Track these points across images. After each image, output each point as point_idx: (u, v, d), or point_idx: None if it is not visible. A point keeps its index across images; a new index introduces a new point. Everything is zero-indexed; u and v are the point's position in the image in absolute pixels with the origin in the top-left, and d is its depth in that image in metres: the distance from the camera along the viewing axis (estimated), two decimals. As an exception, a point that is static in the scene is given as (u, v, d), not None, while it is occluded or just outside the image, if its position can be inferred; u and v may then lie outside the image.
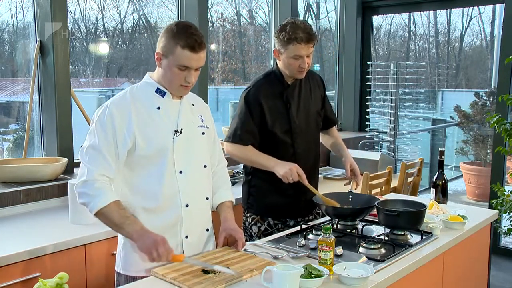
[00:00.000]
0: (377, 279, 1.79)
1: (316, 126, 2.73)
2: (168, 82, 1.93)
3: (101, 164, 1.85)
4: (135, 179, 1.93)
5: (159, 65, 1.93)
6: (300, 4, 5.41)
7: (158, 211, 1.94)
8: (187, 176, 1.97)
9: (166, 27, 1.92)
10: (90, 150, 1.87)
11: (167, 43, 1.88)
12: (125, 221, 1.81)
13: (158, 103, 1.95)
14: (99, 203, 1.80)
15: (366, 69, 5.66)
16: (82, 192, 1.85)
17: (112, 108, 1.89)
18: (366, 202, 2.46)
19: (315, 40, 2.47)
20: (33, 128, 3.29)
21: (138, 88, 1.99)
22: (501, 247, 4.81)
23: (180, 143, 1.95)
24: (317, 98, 2.71)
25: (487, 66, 6.90)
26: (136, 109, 1.90)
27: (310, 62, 2.52)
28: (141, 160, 1.91)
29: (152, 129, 1.91)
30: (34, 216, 2.70)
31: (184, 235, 1.99)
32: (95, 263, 2.41)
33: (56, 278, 1.63)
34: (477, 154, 6.78)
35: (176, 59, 1.86)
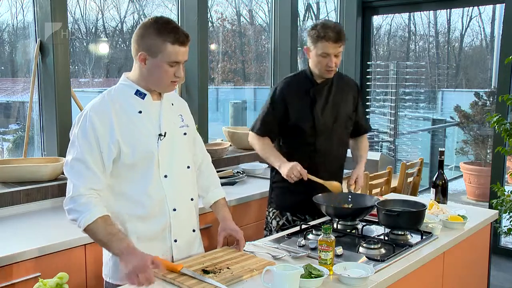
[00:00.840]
0: (377, 279, 1.79)
1: (345, 129, 2.73)
2: (157, 81, 1.87)
3: (87, 177, 1.78)
4: (120, 186, 1.87)
5: (143, 65, 1.84)
6: (300, 4, 5.42)
7: (147, 218, 1.89)
8: (172, 180, 1.93)
9: (143, 25, 1.85)
10: (75, 163, 1.79)
11: (153, 41, 1.81)
12: (111, 238, 1.73)
13: (139, 106, 1.88)
14: (86, 219, 1.73)
15: (366, 69, 5.66)
16: (69, 208, 1.78)
17: (92, 116, 1.80)
18: (365, 202, 2.46)
19: (343, 41, 2.54)
20: (33, 128, 3.29)
21: (116, 91, 1.90)
22: (501, 247, 4.81)
23: (164, 147, 1.90)
24: (349, 102, 2.73)
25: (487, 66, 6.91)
26: (117, 114, 1.83)
27: (339, 62, 2.60)
28: (125, 167, 1.85)
29: (136, 135, 1.84)
30: (34, 216, 2.70)
31: (173, 239, 1.96)
32: (95, 263, 2.41)
33: (56, 278, 1.63)
34: (477, 154, 6.78)
35: (167, 56, 1.81)
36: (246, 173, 3.75)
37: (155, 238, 1.92)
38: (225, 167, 3.88)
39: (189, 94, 3.91)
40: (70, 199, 1.78)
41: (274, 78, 4.92)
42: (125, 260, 1.71)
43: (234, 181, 3.49)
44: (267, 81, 5.16)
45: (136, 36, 1.85)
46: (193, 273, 1.77)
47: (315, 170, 2.59)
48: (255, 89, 5.55)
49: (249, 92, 5.56)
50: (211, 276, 1.76)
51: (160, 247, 1.93)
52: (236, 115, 5.24)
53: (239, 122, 5.20)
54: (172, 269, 1.81)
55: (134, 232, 1.89)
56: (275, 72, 4.91)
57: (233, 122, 5.19)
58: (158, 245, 1.93)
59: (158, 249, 1.92)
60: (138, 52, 1.84)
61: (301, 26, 5.63)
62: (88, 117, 1.80)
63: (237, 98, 5.34)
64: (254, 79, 5.52)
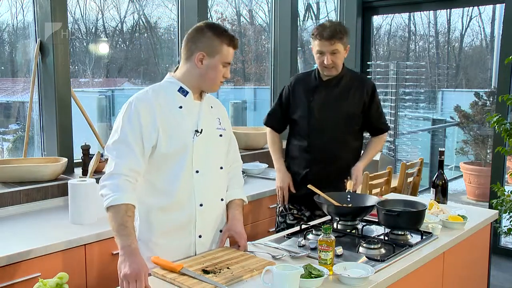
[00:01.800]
0: (377, 279, 1.79)
1: (344, 127, 2.74)
2: (210, 80, 1.98)
3: (130, 158, 1.85)
4: (152, 176, 1.94)
5: (199, 65, 1.95)
6: (300, 4, 5.42)
7: (172, 209, 1.96)
8: (203, 176, 1.99)
9: (198, 28, 1.97)
10: (119, 145, 1.87)
11: (211, 42, 1.94)
12: (121, 230, 1.77)
13: (180, 102, 1.97)
14: (113, 199, 1.79)
15: (366, 69, 5.66)
16: (104, 184, 1.84)
17: (137, 104, 1.90)
18: (364, 202, 2.46)
19: (338, 39, 2.62)
20: (33, 128, 3.29)
21: (161, 87, 2.00)
22: (501, 247, 4.81)
23: (199, 143, 1.98)
24: (355, 101, 2.74)
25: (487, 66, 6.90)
26: (160, 106, 1.92)
27: (337, 60, 2.68)
28: (160, 157, 1.92)
29: (174, 127, 1.93)
30: (34, 216, 2.70)
31: (198, 235, 2.01)
32: (95, 263, 2.41)
33: (56, 278, 1.63)
34: (477, 154, 6.78)
35: (224, 56, 1.96)
36: (246, 173, 3.75)
37: (179, 230, 1.97)
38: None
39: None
40: (109, 175, 1.83)
41: (274, 78, 4.92)
42: (123, 259, 1.72)
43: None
44: (267, 81, 5.16)
45: (192, 38, 1.96)
46: (193, 273, 1.77)
47: (307, 166, 2.74)
48: (255, 89, 5.55)
49: (249, 92, 5.56)
50: (211, 276, 1.76)
51: (183, 241, 1.99)
52: (236, 115, 5.24)
53: (239, 122, 5.20)
54: (172, 269, 1.81)
55: (155, 222, 1.95)
56: (275, 72, 4.91)
57: (233, 122, 5.18)
58: (182, 238, 1.99)
59: (181, 242, 1.99)
60: (195, 52, 1.95)
61: (301, 26, 5.63)
62: (134, 105, 1.90)
63: (237, 98, 5.34)
64: (254, 79, 5.52)
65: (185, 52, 1.99)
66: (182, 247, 1.99)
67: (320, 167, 2.74)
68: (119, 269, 1.72)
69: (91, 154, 3.11)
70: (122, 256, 1.73)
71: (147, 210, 1.96)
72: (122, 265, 1.71)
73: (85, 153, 3.13)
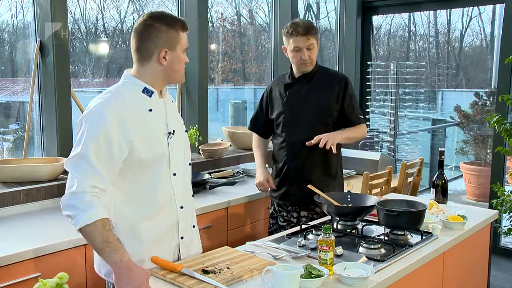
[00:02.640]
0: (377, 279, 1.79)
1: (318, 121, 2.76)
2: (177, 72, 1.88)
3: (92, 175, 1.69)
4: (129, 187, 1.84)
5: (164, 62, 1.82)
6: (300, 4, 5.41)
7: (156, 217, 1.88)
8: (179, 178, 1.94)
9: (147, 25, 1.82)
10: (80, 161, 1.70)
11: (168, 36, 1.82)
12: (105, 247, 1.64)
13: (149, 104, 1.85)
14: (85, 218, 1.65)
15: (366, 69, 5.66)
16: (68, 204, 1.69)
17: (104, 114, 1.73)
18: (364, 202, 2.46)
19: (312, 34, 2.71)
20: (33, 128, 3.29)
21: (122, 89, 1.84)
22: (501, 247, 4.81)
23: (174, 145, 1.90)
24: (328, 96, 2.79)
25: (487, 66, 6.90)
26: (130, 113, 1.78)
27: (312, 55, 2.75)
28: (135, 167, 1.81)
29: (149, 134, 1.82)
30: (34, 216, 2.70)
31: (180, 236, 1.97)
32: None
33: (56, 278, 1.63)
34: (477, 154, 6.78)
35: (183, 45, 1.87)
36: (246, 173, 3.75)
37: (164, 236, 1.92)
38: (225, 167, 3.88)
39: (189, 94, 3.91)
40: (71, 194, 1.68)
41: (274, 78, 4.91)
42: (119, 278, 1.63)
43: (234, 181, 3.49)
44: (267, 81, 5.16)
45: (147, 37, 1.81)
46: (193, 273, 1.77)
47: (286, 162, 2.82)
48: (255, 89, 5.55)
49: (249, 92, 5.56)
50: (211, 276, 1.76)
51: (168, 245, 1.94)
52: (236, 115, 5.24)
53: (239, 122, 5.20)
54: (172, 269, 1.81)
55: (143, 233, 1.86)
56: (275, 72, 4.91)
57: (233, 122, 5.19)
58: (167, 243, 1.94)
59: (167, 247, 1.94)
60: (156, 51, 1.82)
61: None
62: (100, 115, 1.73)
63: (237, 98, 5.34)
64: (254, 79, 5.52)
65: (142, 53, 1.83)
66: (168, 251, 1.94)
67: (296, 163, 2.80)
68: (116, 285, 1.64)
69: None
70: (116, 274, 1.64)
71: (131, 221, 1.85)
72: (119, 284, 1.63)
73: (85, 153, 3.13)
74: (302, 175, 2.78)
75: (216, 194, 3.22)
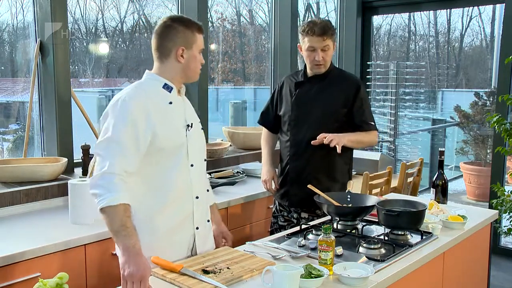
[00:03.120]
0: (377, 279, 1.79)
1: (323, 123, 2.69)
2: (193, 71, 2.02)
3: (122, 157, 1.81)
4: (151, 174, 1.93)
5: (181, 59, 1.97)
6: (300, 4, 5.41)
7: (172, 206, 1.97)
8: (196, 169, 2.04)
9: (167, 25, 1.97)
10: (111, 143, 1.82)
11: (186, 35, 1.97)
12: (122, 231, 1.75)
13: (169, 98, 1.98)
14: (109, 199, 1.75)
15: (366, 69, 5.66)
16: (97, 184, 1.78)
17: (130, 103, 1.86)
18: (364, 202, 2.46)
19: (329, 35, 2.65)
20: (33, 128, 3.29)
21: (147, 84, 1.99)
22: (501, 247, 4.81)
23: (191, 137, 2.02)
24: (337, 98, 2.73)
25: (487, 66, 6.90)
26: (152, 103, 1.91)
27: (327, 57, 2.70)
28: (157, 154, 1.91)
29: (169, 123, 1.94)
30: (34, 216, 2.70)
31: (195, 227, 2.05)
32: (95, 263, 2.41)
33: (56, 278, 1.63)
34: (477, 154, 6.78)
35: (198, 45, 2.01)
36: (246, 173, 3.75)
37: (180, 225, 2.00)
38: (225, 167, 3.88)
39: (189, 94, 3.90)
40: (102, 174, 1.78)
41: (274, 78, 4.91)
42: (126, 260, 1.72)
43: (234, 181, 3.49)
44: (267, 81, 5.16)
45: (166, 36, 1.97)
46: (193, 273, 1.77)
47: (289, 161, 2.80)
48: (255, 89, 5.55)
49: (249, 92, 5.56)
50: (211, 276, 1.76)
51: (184, 234, 2.02)
52: (236, 115, 5.24)
53: (239, 122, 5.20)
54: (172, 269, 1.81)
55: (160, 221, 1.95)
56: (275, 72, 4.91)
57: (233, 122, 5.19)
58: (183, 232, 2.02)
59: (182, 236, 2.02)
60: (174, 48, 1.96)
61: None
62: (126, 103, 1.86)
63: (237, 98, 5.34)
64: (254, 79, 5.52)
65: (161, 51, 1.98)
66: (183, 241, 2.02)
67: (299, 163, 2.76)
68: (123, 269, 1.72)
69: (91, 154, 3.11)
70: (125, 256, 1.72)
71: (149, 208, 1.94)
72: (126, 265, 1.71)
73: (85, 153, 3.13)
74: (303, 176, 2.74)
75: (216, 194, 3.21)
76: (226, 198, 3.12)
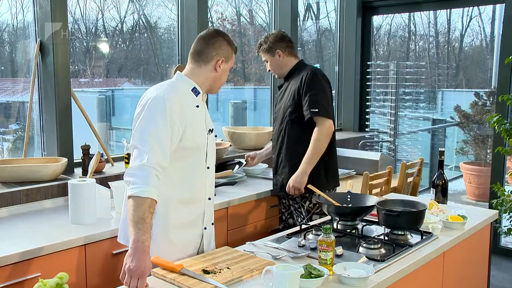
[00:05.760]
0: (377, 279, 1.79)
1: (284, 118, 3.02)
2: (220, 83, 2.15)
3: (160, 152, 1.88)
4: (173, 170, 1.99)
5: (218, 69, 2.08)
6: (300, 4, 5.41)
7: (190, 203, 2.06)
8: (211, 172, 2.16)
9: (215, 35, 2.11)
10: (151, 138, 1.89)
11: (227, 49, 2.11)
12: (139, 223, 1.79)
13: (196, 101, 2.07)
14: (141, 190, 1.81)
15: (366, 69, 5.66)
16: (135, 173, 1.84)
17: (169, 101, 1.93)
18: (364, 202, 2.46)
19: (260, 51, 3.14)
20: (33, 128, 3.29)
21: (179, 84, 2.06)
22: (501, 247, 4.81)
23: (210, 141, 2.13)
24: (291, 94, 2.99)
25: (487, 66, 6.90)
26: (183, 103, 1.99)
27: (269, 67, 3.12)
28: (181, 152, 1.99)
29: (196, 125, 2.03)
30: (34, 216, 2.70)
31: (204, 227, 2.13)
32: (95, 263, 2.41)
33: (56, 278, 1.63)
34: (477, 154, 6.77)
35: (232, 63, 2.16)
36: (247, 173, 3.75)
37: (191, 223, 2.09)
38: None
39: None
40: (142, 165, 1.85)
41: (274, 78, 4.90)
42: (132, 253, 1.75)
43: (234, 181, 3.49)
44: (267, 81, 5.16)
45: (213, 44, 2.08)
46: (193, 273, 1.77)
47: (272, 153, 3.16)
48: (255, 89, 5.55)
49: (249, 92, 5.55)
50: (211, 276, 1.76)
51: (193, 233, 2.10)
52: (236, 115, 5.23)
53: (239, 122, 5.19)
54: (172, 269, 1.81)
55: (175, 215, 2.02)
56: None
57: (233, 122, 5.18)
58: (192, 231, 2.10)
59: (192, 235, 2.09)
60: (216, 57, 2.08)
61: (301, 26, 5.63)
62: (164, 100, 1.93)
63: (237, 98, 5.34)
64: (254, 79, 5.51)
65: (202, 56, 2.08)
66: (193, 239, 2.10)
67: (275, 155, 3.10)
68: (125, 261, 1.76)
69: (91, 154, 3.11)
70: (132, 250, 1.76)
71: (166, 202, 2.00)
72: (129, 258, 1.75)
73: (85, 153, 3.13)
74: (275, 168, 3.10)
75: (216, 194, 3.22)
76: (226, 198, 3.12)
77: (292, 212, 3.09)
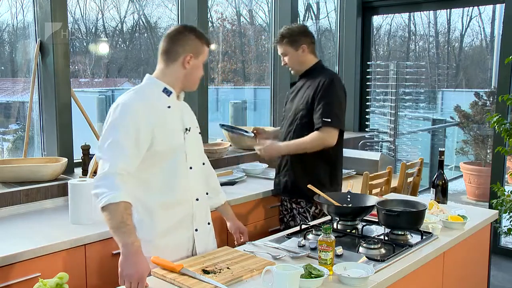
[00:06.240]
0: (377, 279, 1.79)
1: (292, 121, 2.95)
2: (194, 80, 2.09)
3: (122, 158, 1.86)
4: (150, 176, 1.98)
5: (187, 66, 2.02)
6: (300, 4, 5.41)
7: (173, 206, 2.02)
8: (196, 172, 2.09)
9: (180, 31, 2.05)
10: (111, 146, 1.87)
11: (196, 44, 2.04)
12: (122, 228, 1.77)
13: (168, 102, 2.02)
14: (111, 197, 1.78)
15: (366, 69, 5.65)
16: (100, 184, 1.83)
17: (130, 106, 1.92)
18: (364, 202, 2.46)
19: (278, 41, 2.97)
20: (33, 128, 3.29)
21: (147, 88, 2.04)
22: (501, 247, 4.81)
23: (189, 141, 2.07)
24: (304, 97, 2.90)
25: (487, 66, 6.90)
26: (152, 107, 1.96)
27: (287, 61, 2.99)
28: (156, 156, 1.96)
29: (167, 127, 1.99)
30: (34, 216, 2.70)
31: (195, 228, 2.09)
32: (95, 263, 2.41)
33: (56, 278, 1.63)
34: (477, 154, 6.78)
35: (204, 57, 2.08)
36: (246, 173, 3.75)
37: (179, 226, 2.05)
38: (225, 167, 3.88)
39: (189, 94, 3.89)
40: (104, 175, 1.83)
41: (274, 78, 4.91)
42: (125, 258, 1.73)
43: (234, 181, 3.49)
44: (267, 81, 5.16)
45: (178, 41, 2.03)
46: (193, 273, 1.77)
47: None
48: (255, 89, 5.55)
49: (249, 92, 5.56)
50: (211, 276, 1.76)
51: (183, 236, 2.06)
52: (236, 115, 5.24)
53: (239, 122, 5.19)
54: (172, 269, 1.81)
55: (159, 220, 1.99)
56: (275, 72, 4.91)
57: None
58: (182, 233, 2.06)
59: (181, 238, 2.05)
60: (183, 54, 2.02)
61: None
62: (126, 106, 1.92)
63: (237, 98, 5.34)
64: (254, 79, 5.51)
65: (169, 54, 2.04)
66: (183, 242, 2.06)
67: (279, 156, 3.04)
68: (121, 267, 1.73)
69: (91, 154, 3.11)
70: (124, 255, 1.74)
71: (148, 209, 1.99)
72: (124, 264, 1.72)
73: (85, 153, 3.13)
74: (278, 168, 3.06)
75: (216, 194, 3.22)
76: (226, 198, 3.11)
77: (295, 216, 3.02)
